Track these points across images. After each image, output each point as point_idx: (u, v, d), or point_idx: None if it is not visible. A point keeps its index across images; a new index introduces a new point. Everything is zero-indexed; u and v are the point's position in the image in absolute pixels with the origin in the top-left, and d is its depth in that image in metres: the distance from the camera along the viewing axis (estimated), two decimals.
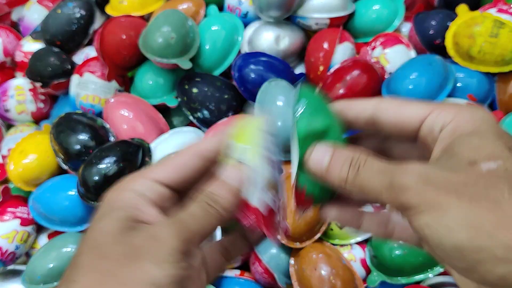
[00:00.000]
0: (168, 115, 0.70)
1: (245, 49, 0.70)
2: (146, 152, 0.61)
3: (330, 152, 0.24)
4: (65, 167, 0.63)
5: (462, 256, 0.18)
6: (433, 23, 0.65)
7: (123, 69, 0.70)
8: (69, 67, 0.71)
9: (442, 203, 0.19)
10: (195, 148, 0.27)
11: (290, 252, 0.58)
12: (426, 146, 0.23)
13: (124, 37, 0.67)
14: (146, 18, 0.74)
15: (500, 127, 0.22)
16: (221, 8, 0.75)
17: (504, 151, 0.20)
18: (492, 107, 0.64)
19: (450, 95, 0.62)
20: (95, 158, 0.57)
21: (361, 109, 0.25)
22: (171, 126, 0.69)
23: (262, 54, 0.66)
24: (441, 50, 0.64)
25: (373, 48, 0.67)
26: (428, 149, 0.23)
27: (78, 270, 0.22)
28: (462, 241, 0.18)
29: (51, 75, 0.70)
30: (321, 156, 0.24)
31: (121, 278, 0.21)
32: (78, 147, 0.61)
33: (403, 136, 0.25)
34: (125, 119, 0.65)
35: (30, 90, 0.74)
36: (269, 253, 0.58)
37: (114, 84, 0.69)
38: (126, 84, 0.72)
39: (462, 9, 0.64)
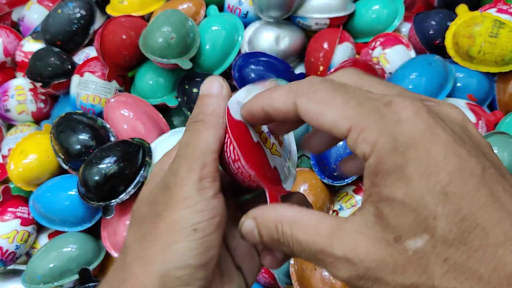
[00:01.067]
0: (168, 115, 0.70)
1: (245, 49, 0.70)
2: (146, 152, 0.61)
3: (255, 229, 0.22)
4: (65, 167, 0.63)
5: None
6: (433, 23, 0.65)
7: (123, 69, 0.70)
8: (70, 67, 0.71)
9: None
10: None
11: None
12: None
13: (124, 37, 0.67)
14: (146, 18, 0.74)
15: (428, 150, 0.17)
16: (221, 8, 0.75)
17: (431, 212, 0.17)
18: (492, 107, 0.64)
19: (450, 95, 0.62)
20: (96, 158, 0.57)
21: (281, 106, 0.22)
22: (171, 126, 0.69)
23: (262, 54, 0.66)
24: (441, 50, 0.64)
25: (373, 48, 0.67)
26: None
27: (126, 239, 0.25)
28: None
29: (51, 75, 0.70)
30: (252, 236, 0.23)
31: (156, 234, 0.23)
32: (78, 147, 0.61)
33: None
34: (125, 119, 0.65)
35: (31, 90, 0.74)
36: None
37: (114, 84, 0.69)
38: (126, 84, 0.72)
39: (462, 9, 0.64)
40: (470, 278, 0.16)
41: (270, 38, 0.68)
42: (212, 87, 0.25)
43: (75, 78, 0.69)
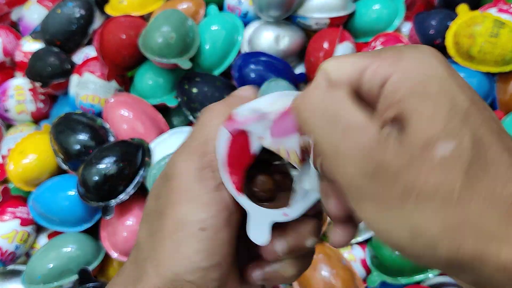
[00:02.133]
0: (168, 115, 0.70)
1: (245, 49, 0.70)
2: (146, 152, 0.61)
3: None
4: (65, 167, 0.63)
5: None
6: (433, 23, 0.65)
7: (123, 69, 0.70)
8: (69, 67, 0.71)
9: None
10: None
11: None
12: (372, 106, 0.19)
13: (124, 37, 0.67)
14: (146, 18, 0.74)
15: (451, 78, 0.17)
16: (221, 8, 0.75)
17: (458, 123, 0.16)
18: (492, 107, 0.64)
19: None
20: (95, 158, 0.57)
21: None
22: (171, 126, 0.69)
23: (262, 54, 0.66)
24: (441, 50, 0.64)
25: (373, 48, 0.67)
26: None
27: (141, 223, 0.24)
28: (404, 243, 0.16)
29: (50, 75, 0.70)
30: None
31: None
32: (77, 147, 0.61)
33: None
34: (125, 119, 0.65)
35: (30, 90, 0.74)
36: None
37: (114, 84, 0.69)
38: (126, 84, 0.72)
39: (462, 9, 0.64)
40: None
41: (270, 38, 0.68)
42: (248, 91, 0.25)
43: (75, 78, 0.69)
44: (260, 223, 0.22)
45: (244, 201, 0.22)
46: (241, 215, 0.23)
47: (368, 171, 0.16)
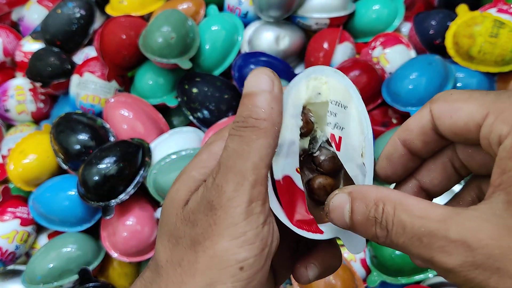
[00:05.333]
0: (168, 115, 0.70)
1: (245, 49, 0.70)
2: (146, 152, 0.61)
3: (348, 203, 0.20)
4: (65, 167, 0.63)
5: None
6: (433, 23, 0.65)
7: (123, 69, 0.70)
8: (69, 67, 0.71)
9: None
10: None
11: None
12: (490, 155, 0.19)
13: (124, 37, 0.67)
14: (146, 18, 0.74)
15: None
16: (221, 8, 0.75)
17: None
18: None
19: None
20: (95, 158, 0.57)
21: (417, 121, 0.21)
22: (171, 126, 0.69)
23: (262, 54, 0.66)
24: (441, 50, 0.64)
25: (373, 48, 0.67)
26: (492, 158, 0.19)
27: (158, 262, 0.21)
28: None
29: (51, 75, 0.70)
30: (341, 211, 0.20)
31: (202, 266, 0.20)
32: (78, 147, 0.61)
33: (467, 142, 0.20)
34: (125, 119, 0.65)
35: (30, 90, 0.74)
36: None
37: (114, 84, 0.69)
38: (126, 84, 0.72)
39: (462, 9, 0.64)
40: None
41: (270, 38, 0.68)
42: (261, 82, 0.21)
43: (75, 78, 0.69)
44: (351, 233, 0.21)
45: (331, 232, 0.22)
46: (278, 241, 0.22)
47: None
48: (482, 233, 0.16)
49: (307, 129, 0.23)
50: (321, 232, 0.22)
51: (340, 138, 0.23)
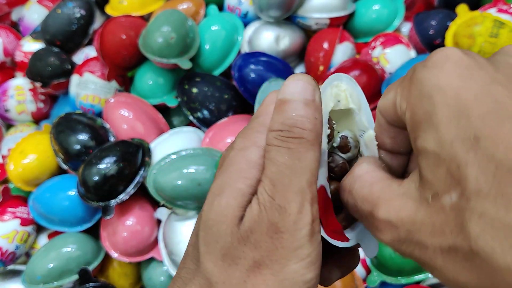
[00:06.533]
0: (168, 115, 0.70)
1: (245, 49, 0.70)
2: (146, 152, 0.61)
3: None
4: (65, 167, 0.63)
5: None
6: (433, 23, 0.65)
7: (123, 69, 0.70)
8: (69, 67, 0.71)
9: (422, 262, 0.17)
10: None
11: None
12: None
13: (124, 37, 0.67)
14: (146, 18, 0.74)
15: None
16: (221, 8, 0.75)
17: (462, 160, 0.15)
18: None
19: None
20: (95, 158, 0.57)
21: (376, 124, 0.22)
22: (171, 126, 0.69)
23: (262, 54, 0.66)
24: None
25: (373, 48, 0.67)
26: None
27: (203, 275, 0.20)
28: None
29: (51, 75, 0.70)
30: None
31: None
32: (78, 147, 0.61)
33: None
34: (125, 119, 0.65)
35: (30, 90, 0.74)
36: None
37: (114, 84, 0.69)
38: (126, 84, 0.72)
39: (462, 9, 0.64)
40: (511, 236, 0.14)
41: (270, 38, 0.68)
42: (303, 90, 0.20)
43: (75, 78, 0.69)
44: (368, 238, 0.23)
45: (353, 239, 0.23)
46: None
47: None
48: (403, 212, 0.17)
49: (331, 137, 0.23)
50: (348, 239, 0.22)
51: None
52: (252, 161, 0.20)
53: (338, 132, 0.24)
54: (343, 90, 0.23)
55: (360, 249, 0.24)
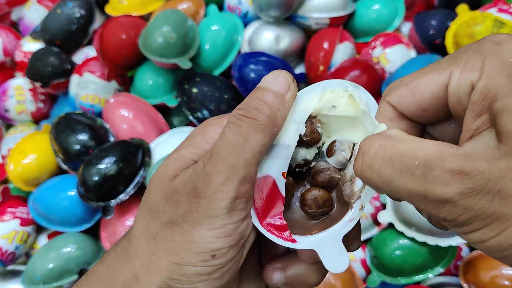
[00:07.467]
0: (168, 115, 0.70)
1: (245, 49, 0.70)
2: (146, 152, 0.61)
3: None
4: (65, 167, 0.63)
5: None
6: (433, 23, 0.65)
7: (123, 69, 0.70)
8: (69, 67, 0.71)
9: (499, 215, 0.16)
10: None
11: None
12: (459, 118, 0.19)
13: (124, 37, 0.67)
14: (146, 18, 0.74)
15: None
16: (221, 8, 0.75)
17: None
18: None
19: None
20: (95, 158, 0.57)
21: (381, 119, 0.21)
22: (171, 126, 0.69)
23: (262, 54, 0.66)
24: (441, 50, 0.64)
25: (373, 48, 0.67)
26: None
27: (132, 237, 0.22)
28: None
29: (51, 75, 0.70)
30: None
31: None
32: (77, 147, 0.61)
33: (438, 117, 0.20)
34: (125, 119, 0.65)
35: (30, 90, 0.74)
36: None
37: (114, 84, 0.69)
38: (126, 84, 0.72)
39: (462, 9, 0.64)
40: None
41: (270, 38, 0.68)
42: (278, 84, 0.21)
43: (75, 78, 0.69)
44: (333, 250, 0.21)
45: (306, 243, 0.22)
46: (256, 235, 0.22)
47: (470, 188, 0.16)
48: (479, 161, 0.16)
49: (312, 139, 0.23)
50: (294, 241, 0.22)
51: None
52: (207, 135, 0.22)
53: (330, 138, 0.24)
54: (343, 96, 0.23)
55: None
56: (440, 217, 0.17)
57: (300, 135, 0.22)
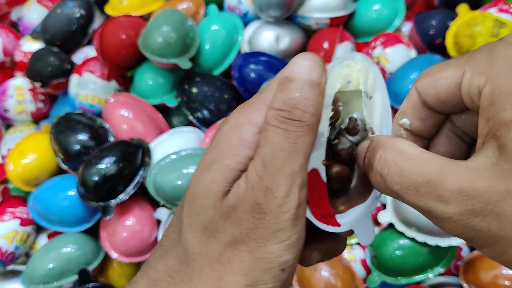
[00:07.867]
0: (168, 115, 0.70)
1: (245, 49, 0.70)
2: (146, 152, 0.61)
3: (367, 145, 0.21)
4: (64, 167, 0.63)
5: None
6: (434, 22, 0.65)
7: (122, 69, 0.70)
8: (69, 66, 0.71)
9: (498, 238, 0.16)
10: None
11: None
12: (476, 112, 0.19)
13: (123, 37, 0.67)
14: (145, 18, 0.74)
15: None
16: (221, 7, 0.75)
17: None
18: None
19: None
20: (95, 158, 0.57)
21: (407, 103, 0.22)
22: (171, 126, 0.69)
23: (262, 54, 0.66)
24: (442, 50, 0.64)
25: (374, 48, 0.67)
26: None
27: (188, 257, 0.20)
28: None
29: (50, 75, 0.70)
30: (361, 156, 0.22)
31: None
32: (77, 147, 0.61)
33: (456, 110, 0.20)
34: (124, 119, 0.65)
35: (30, 90, 0.74)
36: None
37: (113, 84, 0.69)
38: (126, 84, 0.72)
39: (462, 9, 0.64)
40: None
41: (270, 38, 0.68)
42: (311, 71, 0.19)
43: (74, 78, 0.69)
44: (365, 226, 0.23)
45: (348, 225, 0.22)
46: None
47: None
48: (480, 181, 0.16)
49: (335, 119, 0.22)
50: (339, 225, 0.22)
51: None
52: (244, 139, 0.20)
53: (349, 113, 0.23)
54: (355, 70, 0.22)
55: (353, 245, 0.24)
56: (446, 232, 0.17)
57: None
